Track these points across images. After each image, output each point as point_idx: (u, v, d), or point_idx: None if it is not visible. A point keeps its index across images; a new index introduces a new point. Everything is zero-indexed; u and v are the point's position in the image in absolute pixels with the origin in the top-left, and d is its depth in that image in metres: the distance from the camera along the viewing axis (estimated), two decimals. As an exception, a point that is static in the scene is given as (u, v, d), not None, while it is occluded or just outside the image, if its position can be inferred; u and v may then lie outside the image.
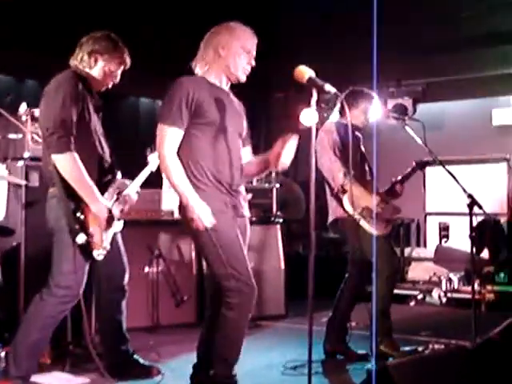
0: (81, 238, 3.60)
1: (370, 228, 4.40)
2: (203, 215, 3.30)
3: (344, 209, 4.45)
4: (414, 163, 4.81)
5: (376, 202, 4.48)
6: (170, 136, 3.36)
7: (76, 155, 3.59)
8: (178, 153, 3.39)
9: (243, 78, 3.55)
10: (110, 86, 3.97)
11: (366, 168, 4.72)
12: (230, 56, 3.48)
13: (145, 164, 4.29)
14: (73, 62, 3.87)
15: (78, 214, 3.61)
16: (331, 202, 4.59)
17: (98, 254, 3.72)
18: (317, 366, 4.38)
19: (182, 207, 3.38)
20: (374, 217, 4.34)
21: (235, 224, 3.45)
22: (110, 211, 3.75)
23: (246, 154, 3.68)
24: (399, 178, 4.76)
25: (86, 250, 3.66)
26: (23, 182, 4.56)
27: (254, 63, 3.54)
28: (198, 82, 3.47)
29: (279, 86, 8.33)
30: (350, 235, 4.59)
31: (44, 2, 5.91)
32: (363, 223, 4.41)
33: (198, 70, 3.55)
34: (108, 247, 3.78)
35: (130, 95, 7.85)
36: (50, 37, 3.98)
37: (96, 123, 3.85)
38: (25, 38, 6.01)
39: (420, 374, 2.33)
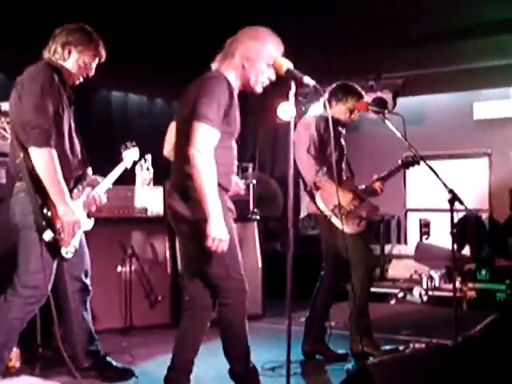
0: (47, 235, 3.57)
1: (339, 225, 4.42)
2: (223, 238, 3.23)
3: (316, 205, 4.47)
4: (399, 162, 4.87)
5: (349, 199, 4.51)
6: (212, 137, 3.26)
7: (54, 152, 3.56)
8: None
9: (259, 91, 3.51)
10: (82, 79, 3.94)
11: (343, 165, 4.73)
12: (253, 72, 3.41)
13: (118, 160, 4.27)
14: (46, 54, 3.83)
15: (45, 211, 3.58)
16: (304, 197, 4.62)
17: (67, 252, 3.69)
18: (295, 366, 4.39)
19: (203, 215, 3.24)
20: (342, 214, 4.38)
21: (234, 226, 3.47)
22: (75, 216, 3.69)
23: None
24: (381, 175, 4.81)
25: (54, 247, 3.63)
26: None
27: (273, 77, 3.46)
28: (226, 86, 3.35)
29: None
30: (323, 232, 4.63)
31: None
32: (335, 220, 4.45)
33: (219, 67, 3.46)
34: (77, 245, 3.76)
35: (102, 88, 7.79)
36: (19, 30, 3.94)
37: (69, 117, 3.82)
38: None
39: (400, 372, 2.34)
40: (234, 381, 3.57)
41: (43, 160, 3.55)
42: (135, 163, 4.82)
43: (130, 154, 4.43)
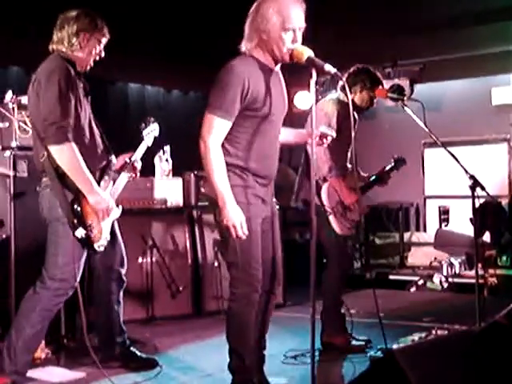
0: (80, 232, 3.62)
1: (335, 225, 4.47)
2: (238, 224, 3.22)
3: (320, 197, 4.49)
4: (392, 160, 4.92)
5: (352, 200, 4.52)
6: (218, 128, 3.24)
7: (74, 145, 3.58)
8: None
9: (287, 59, 3.32)
10: (93, 64, 3.91)
11: (348, 154, 4.72)
12: (273, 41, 3.28)
13: (139, 139, 4.28)
14: (57, 47, 3.79)
15: (76, 206, 3.62)
16: (305, 183, 4.59)
17: (99, 246, 3.74)
18: (317, 354, 4.40)
19: (217, 206, 3.26)
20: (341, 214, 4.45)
21: (260, 216, 3.40)
22: (107, 202, 3.75)
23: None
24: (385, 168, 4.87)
25: (87, 243, 3.67)
26: (11, 173, 4.56)
27: (300, 40, 3.29)
28: (250, 67, 3.29)
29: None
30: (321, 222, 4.62)
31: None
32: (331, 218, 4.48)
33: (247, 48, 3.35)
34: (108, 237, 3.81)
35: (119, 81, 7.83)
36: (34, 22, 3.96)
37: (87, 108, 3.84)
38: (8, 24, 5.99)
39: (427, 358, 2.35)
40: (230, 374, 3.51)
41: (65, 156, 3.57)
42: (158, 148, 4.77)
43: (151, 131, 4.41)
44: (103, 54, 3.92)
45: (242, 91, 3.23)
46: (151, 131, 4.36)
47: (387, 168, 4.91)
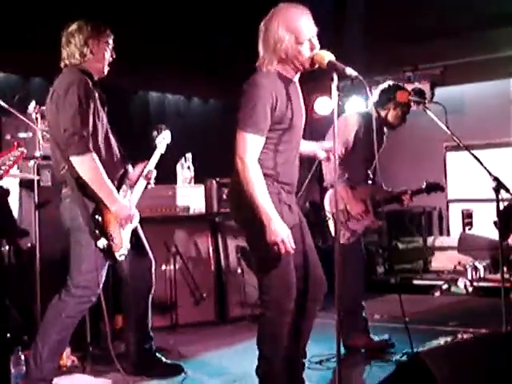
0: (102, 243, 3.64)
1: (332, 231, 4.48)
2: (286, 239, 3.20)
3: (323, 201, 4.54)
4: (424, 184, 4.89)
5: (358, 211, 4.51)
6: (254, 146, 3.25)
7: (95, 155, 3.61)
8: None
9: (308, 67, 3.33)
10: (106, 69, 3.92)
11: (369, 172, 4.71)
12: (292, 57, 3.29)
13: (153, 147, 4.31)
14: (70, 61, 3.80)
15: (97, 216, 3.64)
16: (315, 186, 4.61)
17: (120, 255, 3.76)
18: (342, 359, 4.38)
19: (261, 224, 3.22)
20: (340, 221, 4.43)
21: (289, 224, 3.34)
22: (129, 209, 3.79)
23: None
24: (409, 191, 4.81)
25: (108, 252, 3.69)
26: (36, 177, 4.61)
27: (318, 45, 3.30)
28: (275, 82, 3.30)
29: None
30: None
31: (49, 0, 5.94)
32: (330, 223, 4.49)
33: (266, 64, 3.33)
34: (129, 246, 3.82)
35: (140, 90, 7.87)
36: (55, 34, 4.03)
37: (104, 118, 3.86)
38: (31, 35, 6.05)
39: (453, 359, 2.33)
40: (258, 379, 3.49)
41: (86, 166, 3.60)
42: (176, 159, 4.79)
43: (163, 139, 4.41)
44: (114, 55, 3.93)
45: (272, 106, 3.25)
46: (163, 138, 4.39)
47: (414, 190, 4.88)
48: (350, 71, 3.12)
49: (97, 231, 3.64)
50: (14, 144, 3.38)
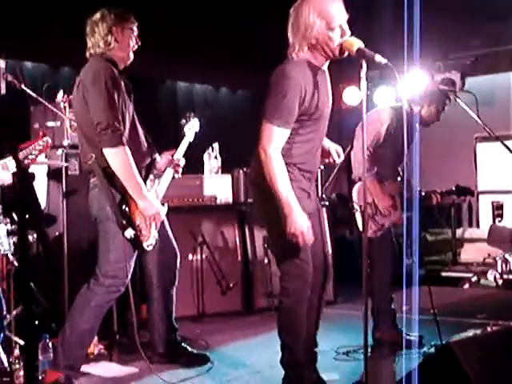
0: (129, 233, 3.65)
1: (359, 223, 4.43)
2: (306, 230, 3.23)
3: (351, 194, 4.52)
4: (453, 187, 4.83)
5: (385, 205, 4.46)
6: (279, 137, 3.25)
7: (127, 149, 3.61)
8: None
9: (338, 54, 3.28)
10: (131, 57, 3.91)
11: (399, 168, 4.65)
12: (323, 43, 3.24)
13: (181, 136, 4.30)
14: (95, 50, 3.80)
15: (124, 207, 3.65)
16: (343, 178, 4.58)
17: (148, 245, 3.77)
18: (369, 350, 4.35)
19: (282, 214, 3.25)
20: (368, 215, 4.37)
21: (307, 210, 3.34)
22: (156, 208, 3.78)
23: None
24: (438, 192, 4.76)
25: (136, 242, 3.70)
26: (64, 164, 4.63)
27: (348, 32, 3.26)
28: (304, 71, 3.28)
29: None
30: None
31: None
32: (357, 216, 4.44)
33: (298, 56, 3.31)
34: (156, 236, 3.83)
35: (168, 79, 7.88)
36: (83, 24, 4.05)
37: (130, 107, 3.85)
38: (59, 25, 6.08)
39: (483, 350, 2.30)
40: (283, 369, 3.51)
41: (119, 159, 3.59)
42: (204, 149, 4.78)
43: (192, 127, 4.41)
44: (139, 43, 3.91)
45: (300, 99, 3.23)
46: (192, 127, 4.38)
47: (444, 191, 4.83)
48: (379, 58, 3.07)
49: (124, 221, 3.64)
50: (40, 134, 3.40)
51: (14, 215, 4.02)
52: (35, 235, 4.43)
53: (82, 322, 3.72)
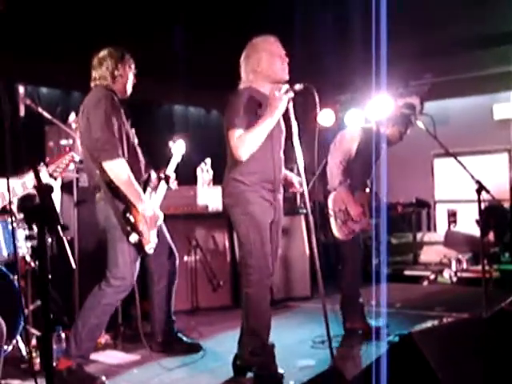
0: (133, 238, 3.67)
1: (334, 228, 4.49)
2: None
3: (326, 202, 4.54)
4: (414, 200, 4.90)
5: (357, 212, 4.49)
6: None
7: (124, 161, 3.64)
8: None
9: (286, 77, 3.56)
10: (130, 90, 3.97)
11: (368, 181, 4.70)
12: (267, 68, 3.55)
13: (169, 156, 4.34)
14: (100, 82, 3.84)
15: (128, 215, 3.67)
16: (319, 187, 4.62)
17: (149, 248, 3.78)
18: (340, 340, 4.39)
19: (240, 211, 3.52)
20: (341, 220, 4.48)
21: (268, 214, 3.53)
22: (152, 210, 3.81)
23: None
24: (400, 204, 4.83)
25: (139, 246, 3.72)
26: (75, 176, 4.64)
27: (287, 60, 3.58)
28: (252, 92, 3.57)
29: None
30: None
31: (86, 18, 5.96)
32: (332, 221, 4.48)
33: (246, 83, 3.65)
34: (156, 240, 3.84)
35: (165, 103, 7.89)
36: (95, 51, 4.08)
37: (129, 129, 3.89)
38: (71, 53, 6.07)
39: (442, 339, 2.33)
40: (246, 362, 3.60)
41: (117, 170, 3.62)
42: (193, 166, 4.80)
43: (177, 148, 4.42)
44: (135, 80, 3.99)
45: (246, 106, 3.50)
46: (178, 147, 4.41)
47: (407, 203, 4.89)
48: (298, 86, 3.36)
49: (128, 228, 3.66)
50: (66, 149, 3.42)
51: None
52: (50, 240, 4.42)
53: (93, 317, 3.71)
